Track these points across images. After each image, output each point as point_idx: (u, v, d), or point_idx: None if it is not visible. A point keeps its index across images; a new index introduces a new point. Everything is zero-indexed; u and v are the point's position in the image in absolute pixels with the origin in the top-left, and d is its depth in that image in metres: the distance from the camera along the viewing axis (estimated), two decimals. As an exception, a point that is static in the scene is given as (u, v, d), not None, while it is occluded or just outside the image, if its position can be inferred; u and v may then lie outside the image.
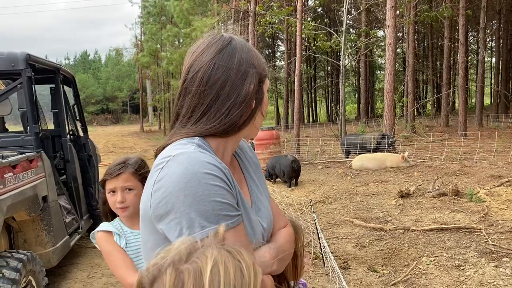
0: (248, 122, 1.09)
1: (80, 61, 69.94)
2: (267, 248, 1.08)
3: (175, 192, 0.92)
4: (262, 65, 1.12)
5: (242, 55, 1.08)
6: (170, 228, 0.92)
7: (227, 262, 0.64)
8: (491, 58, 35.69)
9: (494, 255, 4.28)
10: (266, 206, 1.19)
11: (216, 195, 0.93)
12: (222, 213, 0.92)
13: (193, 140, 1.03)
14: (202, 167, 0.94)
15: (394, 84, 11.51)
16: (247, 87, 1.06)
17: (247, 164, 1.25)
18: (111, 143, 22.94)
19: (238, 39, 1.11)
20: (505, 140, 11.55)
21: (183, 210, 0.91)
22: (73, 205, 4.66)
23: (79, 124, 5.44)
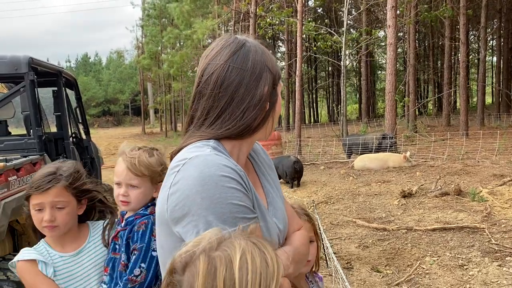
0: (263, 125, 1.09)
1: (81, 63, 70.04)
2: (282, 251, 1.08)
3: (192, 195, 0.92)
4: (276, 67, 1.12)
5: (256, 57, 1.08)
6: (187, 231, 0.92)
7: (253, 252, 0.69)
8: (492, 57, 35.65)
9: (497, 255, 4.28)
10: (281, 208, 1.19)
11: (233, 198, 0.93)
12: (239, 216, 0.93)
13: (209, 143, 1.03)
14: (219, 169, 0.94)
15: (395, 84, 11.51)
16: (262, 90, 1.07)
17: (261, 166, 1.25)
18: (113, 145, 22.94)
19: (252, 41, 1.11)
20: (507, 139, 11.54)
21: (200, 213, 0.91)
22: (76, 207, 4.66)
23: (81, 126, 5.45)
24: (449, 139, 11.99)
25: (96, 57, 72.16)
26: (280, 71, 1.15)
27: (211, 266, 0.67)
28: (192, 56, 21.42)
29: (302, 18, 13.23)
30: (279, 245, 1.10)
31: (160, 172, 1.49)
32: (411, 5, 16.98)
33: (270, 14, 16.80)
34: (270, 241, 1.04)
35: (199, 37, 17.60)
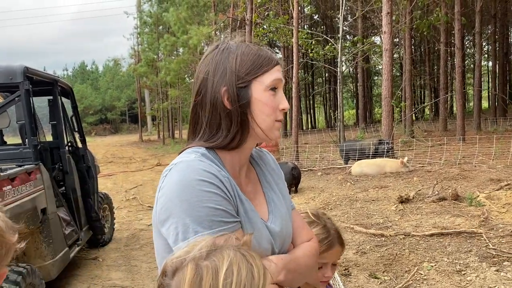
0: (243, 131, 1.07)
1: (78, 72, 70.08)
2: (275, 257, 1.07)
3: (173, 198, 0.96)
4: (246, 63, 1.05)
5: (218, 60, 1.07)
6: (169, 232, 0.96)
7: (240, 264, 0.71)
8: (488, 62, 35.85)
9: (495, 259, 4.27)
10: (284, 217, 1.18)
11: (210, 201, 0.96)
12: (215, 219, 0.95)
13: (199, 150, 1.06)
14: (198, 174, 0.97)
15: (391, 90, 11.55)
16: (222, 93, 1.05)
17: (268, 175, 1.24)
18: (110, 153, 22.95)
19: (233, 43, 1.09)
20: (504, 144, 11.56)
21: (179, 216, 0.95)
22: (73, 216, 4.66)
23: (77, 135, 5.44)
24: (446, 144, 12.03)
25: (93, 65, 72.23)
26: (255, 66, 1.05)
27: (197, 275, 0.69)
28: (188, 62, 21.47)
29: (298, 25, 13.29)
30: (272, 251, 1.09)
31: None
32: (406, 11, 17.08)
33: (266, 22, 16.88)
34: (261, 251, 1.04)
35: (195, 43, 17.66)
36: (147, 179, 12.39)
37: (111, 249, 5.80)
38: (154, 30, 29.12)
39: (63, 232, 4.15)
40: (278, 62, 1.09)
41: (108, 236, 5.95)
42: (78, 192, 4.88)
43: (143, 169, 15.34)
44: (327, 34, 26.28)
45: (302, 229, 1.24)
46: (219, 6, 22.42)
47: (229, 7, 21.00)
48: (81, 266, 5.08)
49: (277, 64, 1.09)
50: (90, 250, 5.70)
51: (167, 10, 23.41)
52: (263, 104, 1.06)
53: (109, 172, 14.51)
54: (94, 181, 5.53)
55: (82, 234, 4.82)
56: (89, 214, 5.08)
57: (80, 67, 70.85)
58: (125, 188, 11.14)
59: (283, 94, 1.11)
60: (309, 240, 1.23)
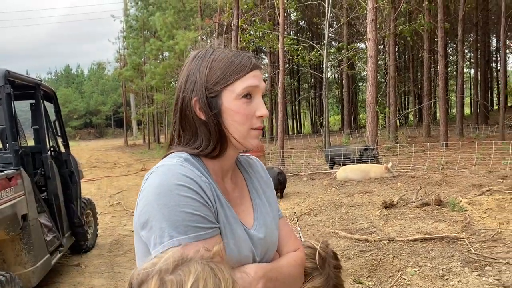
0: (223, 140, 1.06)
1: (63, 75, 69.28)
2: (255, 265, 1.05)
3: (151, 202, 0.96)
4: (215, 73, 1.03)
5: (190, 69, 1.07)
6: (148, 236, 0.96)
7: (207, 279, 0.69)
8: (470, 69, 36.51)
9: (477, 264, 4.32)
10: (269, 226, 1.17)
11: (186, 206, 0.95)
12: (191, 224, 0.94)
13: (182, 155, 1.05)
14: (176, 179, 0.96)
15: (376, 96, 11.68)
16: (193, 103, 1.05)
17: (256, 182, 1.23)
18: (95, 157, 22.68)
19: (206, 50, 1.09)
20: (485, 150, 11.77)
21: (156, 219, 0.94)
22: (55, 222, 4.58)
23: (60, 140, 5.37)
24: (430, 150, 12.18)
25: (78, 69, 71.51)
26: (229, 74, 1.03)
27: None
28: (174, 67, 21.42)
29: (283, 31, 13.36)
30: (254, 259, 1.08)
31: None
32: (390, 18, 17.32)
33: (253, 28, 16.93)
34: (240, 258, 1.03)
35: (181, 48, 17.62)
36: (132, 184, 12.27)
37: (94, 255, 5.72)
38: (140, 34, 28.98)
39: (44, 239, 4.08)
40: (255, 68, 1.06)
41: (91, 242, 5.87)
42: (61, 197, 4.81)
43: (127, 174, 15.20)
44: (313, 40, 26.50)
45: (289, 239, 1.23)
46: (206, 11, 22.43)
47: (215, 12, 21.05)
48: (63, 273, 5.00)
49: (253, 70, 1.05)
50: (72, 257, 5.61)
51: (153, 14, 23.34)
52: (235, 112, 1.04)
53: (93, 177, 14.34)
54: (77, 186, 5.45)
55: (64, 241, 4.74)
56: (72, 220, 5.01)
57: (65, 70, 70.07)
58: (109, 193, 11.02)
59: (261, 100, 1.08)
60: (295, 250, 1.22)
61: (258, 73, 1.07)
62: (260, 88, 1.07)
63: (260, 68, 1.09)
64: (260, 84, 1.07)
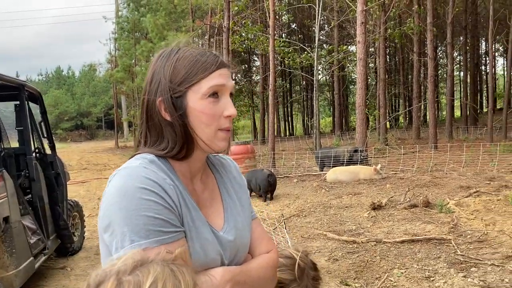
0: (189, 142, 1.04)
1: (54, 77, 68.77)
2: (222, 269, 1.03)
3: (113, 205, 0.93)
4: (180, 70, 1.01)
5: (155, 69, 1.05)
6: (110, 240, 0.93)
7: (167, 280, 0.68)
8: (460, 72, 36.86)
9: (462, 265, 4.34)
10: (240, 227, 1.15)
11: (148, 210, 0.92)
12: (153, 229, 0.92)
13: (147, 156, 1.02)
14: (138, 181, 0.94)
15: (365, 98, 11.73)
16: (158, 104, 1.03)
17: (228, 183, 1.20)
18: (85, 159, 22.50)
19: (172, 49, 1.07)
20: (474, 152, 11.86)
21: (118, 223, 0.92)
22: (39, 225, 4.52)
23: (46, 141, 5.31)
24: (419, 152, 12.26)
25: (69, 71, 71.02)
26: (194, 74, 1.00)
27: None
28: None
29: (274, 33, 13.38)
30: (222, 262, 1.06)
31: None
32: (380, 21, 17.43)
33: (244, 30, 16.94)
34: (207, 261, 1.01)
35: (172, 50, 17.52)
36: (121, 186, 12.17)
37: (81, 258, 5.65)
38: (131, 36, 28.85)
39: (27, 241, 4.02)
40: (221, 66, 1.03)
41: (78, 245, 5.81)
42: (46, 199, 4.75)
43: (117, 176, 15.06)
44: (304, 42, 26.58)
45: (262, 240, 1.21)
46: (197, 13, 22.41)
47: (206, 14, 21.02)
48: (48, 276, 4.93)
49: (219, 68, 1.03)
50: (58, 259, 5.55)
51: (144, 15, 23.26)
52: (200, 113, 1.01)
53: (82, 179, 14.22)
54: (63, 188, 5.39)
55: (49, 243, 4.68)
56: (57, 222, 4.95)
57: (56, 72, 69.56)
58: (98, 195, 10.93)
59: (229, 100, 1.05)
60: (268, 251, 1.20)
61: (225, 71, 1.04)
62: (227, 87, 1.04)
63: (228, 66, 1.06)
64: (228, 83, 1.04)
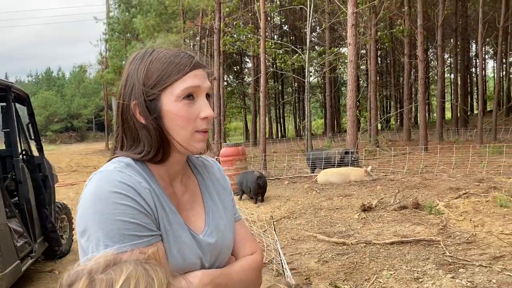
0: (165, 145, 1.02)
1: (44, 78, 68.29)
2: (201, 272, 1.01)
3: (88, 210, 0.92)
4: (154, 72, 1.00)
5: (129, 72, 1.04)
6: (87, 245, 0.92)
7: (140, 278, 0.68)
8: (450, 74, 37.16)
9: (451, 267, 4.36)
10: (222, 230, 1.13)
11: (122, 215, 0.91)
12: (127, 233, 0.91)
13: (124, 160, 1.01)
14: (112, 186, 0.93)
15: (356, 100, 11.77)
16: (133, 107, 1.02)
17: (210, 185, 1.19)
18: (75, 161, 22.33)
19: (147, 50, 1.06)
20: (464, 153, 11.96)
21: (92, 228, 0.91)
22: (26, 228, 4.47)
23: (34, 143, 5.25)
24: (409, 153, 12.33)
25: (59, 72, 70.56)
26: (166, 76, 0.99)
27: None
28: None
29: (265, 34, 13.39)
30: (202, 266, 1.04)
31: None
32: (371, 24, 17.52)
33: (235, 31, 16.94)
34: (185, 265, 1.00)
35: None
36: (112, 188, 12.09)
37: (69, 261, 5.59)
38: (121, 37, 28.74)
39: (14, 244, 3.97)
40: (196, 67, 1.02)
41: (66, 248, 5.75)
42: (33, 202, 4.69)
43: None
44: (296, 44, 26.65)
45: (245, 242, 1.19)
46: (188, 14, 22.35)
47: (198, 15, 20.98)
48: (35, 280, 4.88)
49: (194, 69, 1.01)
50: (46, 263, 5.49)
51: (135, 16, 23.16)
52: (175, 115, 1.00)
53: (72, 182, 14.11)
54: (51, 190, 5.33)
55: (36, 246, 4.62)
56: (45, 225, 4.89)
57: (46, 73, 69.08)
58: (88, 197, 10.82)
59: (205, 101, 1.03)
60: (252, 253, 1.18)
61: (200, 72, 1.03)
62: (202, 88, 1.02)
63: (204, 66, 1.04)
64: (203, 84, 1.02)
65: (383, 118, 29.40)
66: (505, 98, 29.35)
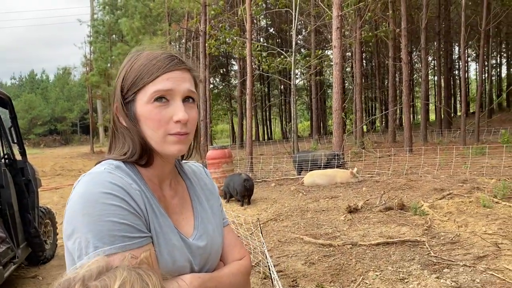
0: (144, 146, 1.03)
1: (27, 81, 67.33)
2: (190, 276, 1.02)
3: (76, 212, 0.91)
4: (133, 73, 1.01)
5: (118, 74, 1.07)
6: (74, 248, 0.91)
7: (134, 284, 0.67)
8: (434, 76, 37.69)
9: (435, 267, 4.41)
10: (211, 234, 1.14)
11: (113, 215, 0.91)
12: (118, 234, 0.90)
13: (113, 162, 1.01)
14: (102, 187, 0.93)
15: (341, 102, 11.85)
16: (115, 109, 1.04)
17: (199, 190, 1.20)
18: (59, 165, 22.02)
19: (132, 54, 1.07)
20: (448, 154, 12.13)
21: (81, 230, 0.90)
22: (8, 233, 4.39)
23: (16, 147, 5.17)
24: (394, 155, 12.46)
25: (43, 74, 69.62)
26: (139, 80, 0.99)
27: None
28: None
29: (251, 37, 13.41)
30: (192, 269, 1.05)
31: None
32: (356, 26, 17.68)
33: (221, 34, 16.93)
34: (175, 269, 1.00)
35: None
36: (97, 192, 11.95)
37: (53, 266, 5.52)
38: (106, 39, 28.49)
39: (-4, 250, 3.90)
40: (170, 69, 1.00)
41: (50, 253, 5.67)
42: (15, 207, 4.61)
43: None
44: (282, 47, 26.74)
45: (234, 247, 1.21)
46: (174, 17, 22.27)
47: (183, 17, 20.91)
48: (19, 286, 4.80)
49: (168, 72, 1.00)
50: (29, 268, 5.40)
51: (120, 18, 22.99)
52: (146, 118, 1.00)
53: (56, 185, 13.92)
54: (35, 195, 5.25)
55: (19, 252, 4.55)
56: (28, 230, 4.81)
57: (30, 76, 68.11)
58: (73, 201, 10.68)
59: (180, 104, 1.00)
60: (241, 258, 1.20)
61: (175, 74, 1.01)
62: (176, 91, 1.00)
63: (182, 69, 1.03)
64: (177, 87, 1.00)
65: (369, 120, 29.65)
66: (487, 100, 29.85)
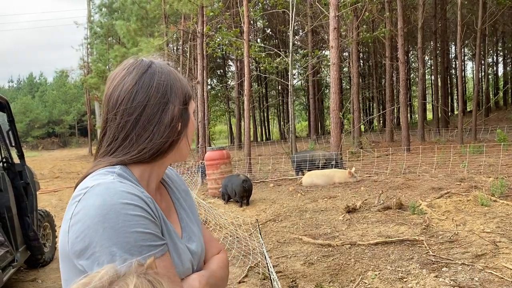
0: (175, 145, 1.07)
1: (26, 84, 67.24)
2: (196, 275, 1.06)
3: (93, 225, 0.88)
4: (184, 87, 1.10)
5: (161, 78, 1.06)
6: (90, 264, 0.87)
7: None
8: (431, 75, 37.75)
9: (434, 266, 4.43)
10: (197, 234, 1.17)
11: (137, 226, 0.89)
12: (145, 244, 0.90)
13: (114, 169, 0.99)
14: (121, 197, 0.90)
15: (339, 102, 11.86)
16: (172, 111, 1.06)
17: (176, 191, 1.22)
18: (58, 168, 22.01)
19: (159, 62, 1.10)
20: (445, 153, 12.16)
21: (102, 244, 0.87)
22: (7, 236, 4.39)
23: (15, 150, 5.17)
24: (392, 154, 12.48)
25: (41, 77, 69.51)
26: (190, 90, 1.14)
27: None
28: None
29: (248, 38, 13.42)
30: (193, 270, 1.08)
31: None
32: (353, 26, 17.71)
33: (219, 35, 16.93)
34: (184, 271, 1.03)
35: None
36: (95, 195, 11.93)
37: (52, 269, 5.51)
38: (104, 41, 28.48)
39: (-5, 254, 3.90)
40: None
41: (49, 256, 5.66)
42: (14, 210, 4.61)
43: (91, 184, 14.78)
44: (280, 47, 26.75)
45: (211, 242, 1.24)
46: (171, 18, 22.26)
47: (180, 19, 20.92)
48: (18, 289, 4.80)
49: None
50: (29, 272, 5.40)
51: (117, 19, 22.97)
52: (190, 126, 1.13)
53: (55, 188, 13.90)
54: (33, 198, 5.24)
55: (18, 255, 4.54)
56: (26, 233, 4.81)
57: (28, 79, 68.02)
58: (71, 204, 10.67)
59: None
60: (218, 252, 1.24)
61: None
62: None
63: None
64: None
65: (366, 120, 29.70)
66: (484, 99, 29.95)
